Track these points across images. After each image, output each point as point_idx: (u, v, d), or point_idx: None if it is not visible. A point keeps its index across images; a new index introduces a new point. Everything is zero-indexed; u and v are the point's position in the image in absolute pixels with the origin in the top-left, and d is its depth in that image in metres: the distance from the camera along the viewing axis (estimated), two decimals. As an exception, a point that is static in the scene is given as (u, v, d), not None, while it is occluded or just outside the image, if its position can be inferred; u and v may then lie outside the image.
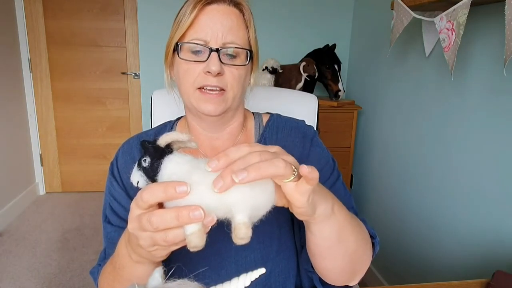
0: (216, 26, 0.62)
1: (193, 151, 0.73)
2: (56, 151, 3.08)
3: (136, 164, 0.44)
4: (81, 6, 2.81)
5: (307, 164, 0.41)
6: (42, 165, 3.08)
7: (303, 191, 0.42)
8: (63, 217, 2.73)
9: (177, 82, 0.69)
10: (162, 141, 0.43)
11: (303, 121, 0.78)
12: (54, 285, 1.96)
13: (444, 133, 1.47)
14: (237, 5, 0.65)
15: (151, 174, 0.43)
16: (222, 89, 0.64)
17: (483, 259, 1.27)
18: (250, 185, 0.40)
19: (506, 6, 0.97)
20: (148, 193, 0.40)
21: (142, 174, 0.43)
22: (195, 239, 0.39)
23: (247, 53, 0.65)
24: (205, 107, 0.64)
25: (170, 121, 0.80)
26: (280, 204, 0.47)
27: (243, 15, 0.66)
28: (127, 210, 0.65)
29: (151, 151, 0.43)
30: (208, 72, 0.62)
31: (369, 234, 0.64)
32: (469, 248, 1.33)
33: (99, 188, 3.16)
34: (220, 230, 0.44)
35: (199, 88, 0.64)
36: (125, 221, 0.68)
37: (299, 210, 0.45)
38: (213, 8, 0.63)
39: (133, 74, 2.95)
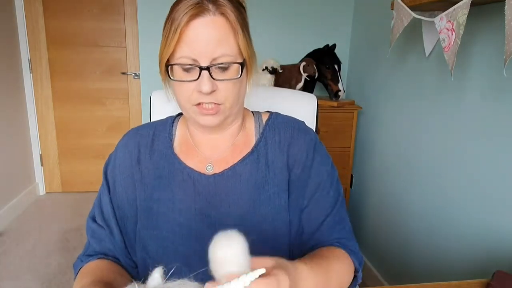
0: (204, 42, 0.60)
1: (190, 148, 0.74)
2: (56, 151, 3.08)
3: None
4: (81, 6, 2.80)
5: (309, 174, 0.42)
6: (42, 165, 3.08)
7: None
8: (63, 217, 2.73)
9: (174, 95, 0.69)
10: None
11: (303, 123, 0.78)
12: (54, 285, 1.96)
13: (444, 133, 1.47)
14: (222, 14, 0.62)
15: None
16: (217, 104, 0.64)
17: (483, 259, 1.27)
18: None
19: (506, 6, 0.97)
20: None
21: None
22: None
23: (239, 65, 0.64)
24: (203, 119, 0.66)
25: (171, 117, 0.80)
26: None
27: (230, 22, 0.63)
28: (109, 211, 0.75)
29: None
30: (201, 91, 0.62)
31: (354, 266, 0.65)
32: (469, 248, 1.33)
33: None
34: None
35: (196, 104, 0.64)
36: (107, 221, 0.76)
37: None
38: (198, 22, 0.61)
39: (133, 74, 2.95)
